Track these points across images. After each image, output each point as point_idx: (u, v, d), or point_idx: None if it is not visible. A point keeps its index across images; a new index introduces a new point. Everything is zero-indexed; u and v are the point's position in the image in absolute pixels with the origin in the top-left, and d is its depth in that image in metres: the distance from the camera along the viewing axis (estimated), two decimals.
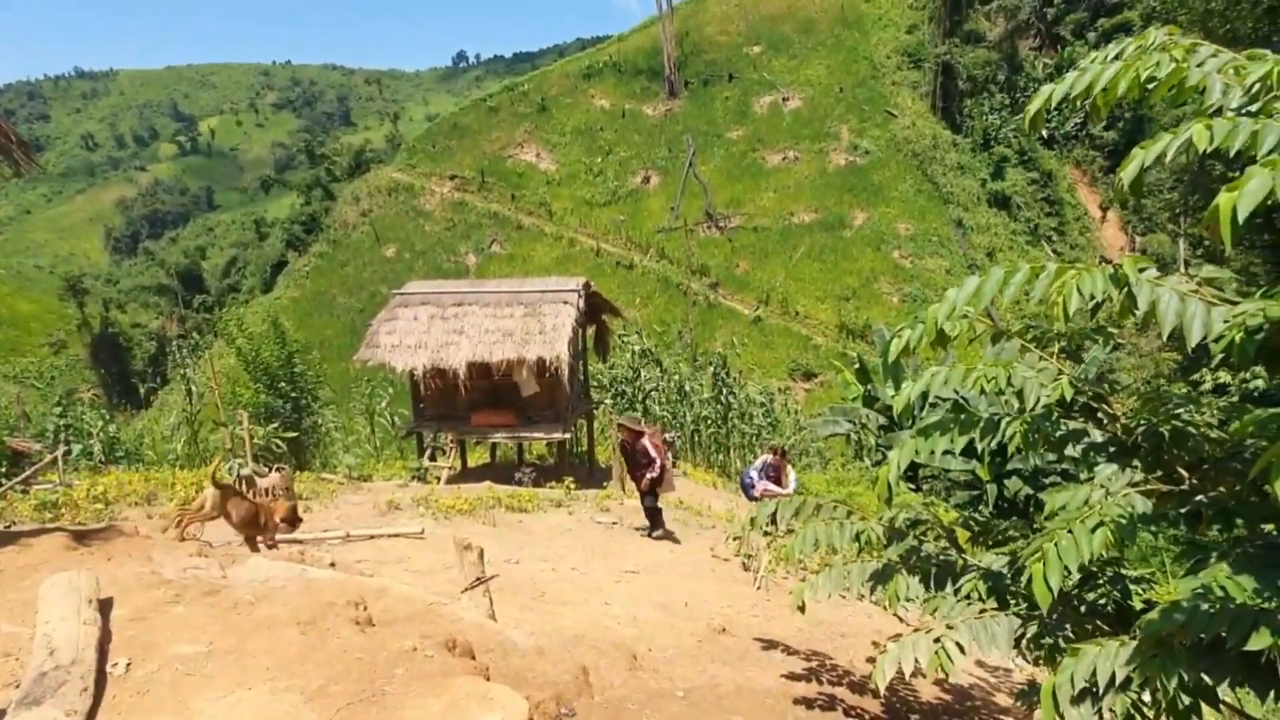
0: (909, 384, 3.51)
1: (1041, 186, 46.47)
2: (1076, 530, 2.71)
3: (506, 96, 56.32)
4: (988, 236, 43.08)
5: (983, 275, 2.94)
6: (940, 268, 40.79)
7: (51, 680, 2.03)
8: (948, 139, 47.83)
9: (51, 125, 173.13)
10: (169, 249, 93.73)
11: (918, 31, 53.35)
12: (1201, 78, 2.37)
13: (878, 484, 3.46)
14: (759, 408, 20.44)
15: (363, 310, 39.05)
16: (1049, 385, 3.14)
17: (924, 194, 44.60)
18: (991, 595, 3.49)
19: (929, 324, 3.07)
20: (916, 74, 51.47)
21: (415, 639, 2.48)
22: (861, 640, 5.53)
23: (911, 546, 3.89)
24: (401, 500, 8.50)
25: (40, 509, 6.32)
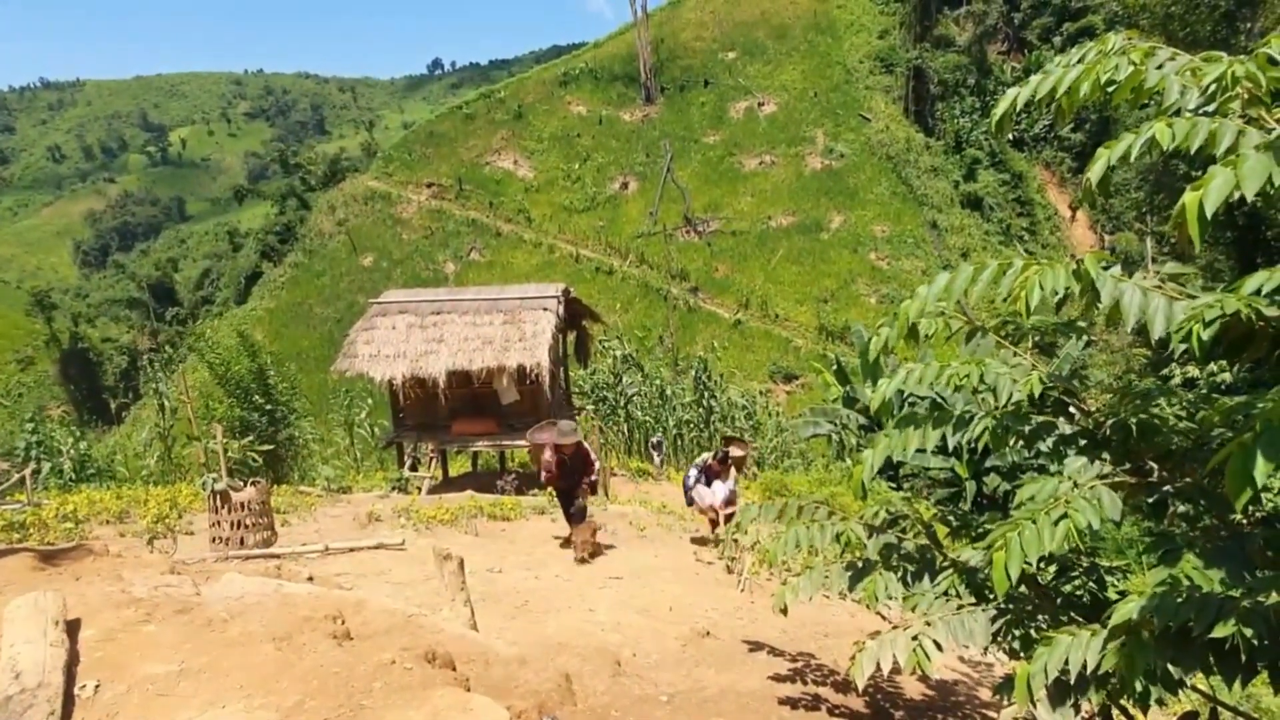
0: (885, 382, 3.55)
1: (1012, 187, 47.28)
2: (1040, 521, 2.76)
3: (483, 104, 56.18)
4: (962, 237, 43.71)
5: (952, 272, 2.99)
6: (916, 268, 41.28)
7: (16, 705, 1.97)
8: (920, 142, 48.49)
9: (16, 137, 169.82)
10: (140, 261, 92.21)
11: (889, 36, 54.09)
12: (1160, 79, 2.44)
13: (852, 482, 3.49)
14: (741, 411, 20.50)
15: (340, 320, 38.65)
16: (1021, 381, 3.19)
17: (899, 196, 45.14)
18: (969, 589, 3.53)
19: (901, 320, 3.12)
20: (889, 78, 52.15)
21: (394, 652, 2.45)
22: (845, 639, 5.56)
23: (890, 543, 3.92)
24: (382, 511, 8.40)
25: (8, 529, 6.15)
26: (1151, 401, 3.10)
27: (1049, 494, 3.07)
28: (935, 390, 5.10)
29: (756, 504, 4.21)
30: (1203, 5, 21.68)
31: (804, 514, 4.01)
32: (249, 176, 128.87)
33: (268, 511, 6.31)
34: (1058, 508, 2.80)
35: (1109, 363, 29.30)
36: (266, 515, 6.27)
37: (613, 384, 18.41)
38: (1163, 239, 31.29)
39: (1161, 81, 2.42)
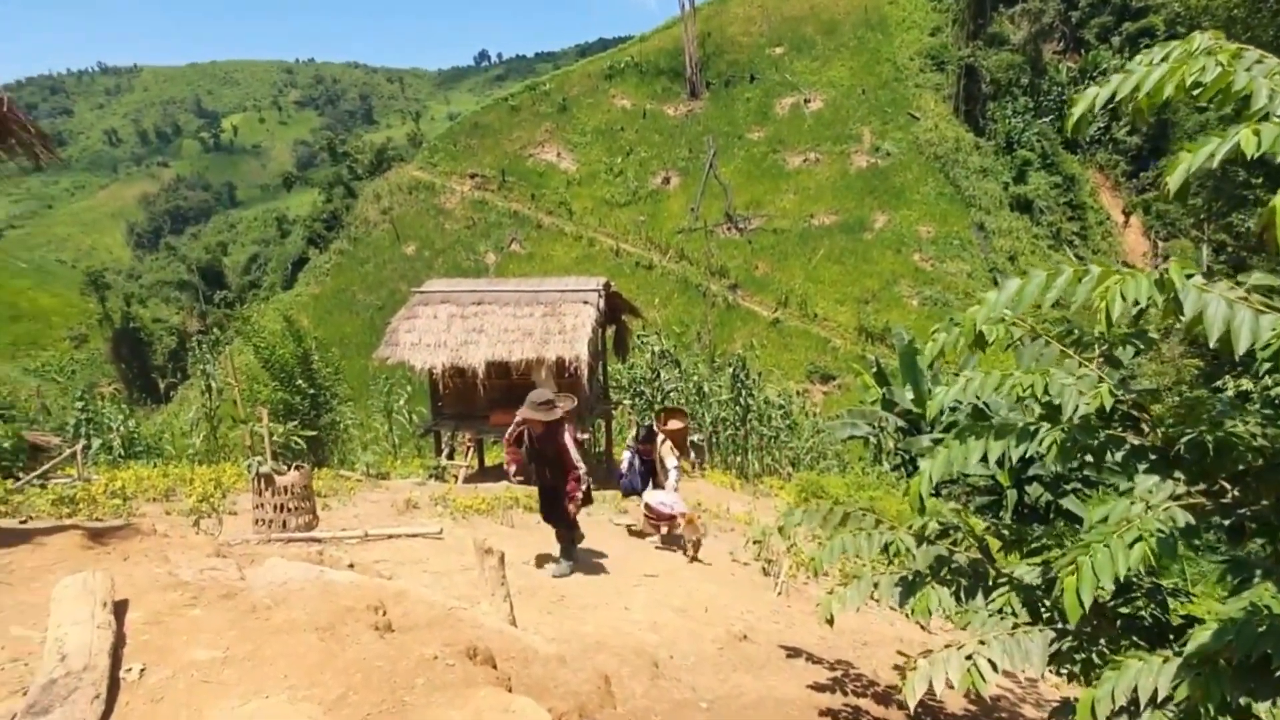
0: (942, 390, 3.42)
1: (1064, 190, 45.87)
2: (1113, 544, 2.62)
3: (528, 96, 56.47)
4: (1010, 240, 42.56)
5: (1023, 277, 2.85)
6: (961, 271, 40.35)
7: (61, 687, 1.97)
8: (970, 142, 47.33)
9: (74, 120, 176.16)
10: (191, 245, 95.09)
11: (941, 34, 52.85)
12: (1248, 82, 2.30)
13: (909, 494, 3.36)
14: (777, 410, 20.26)
15: (382, 308, 39.29)
16: (1089, 393, 3.03)
17: (945, 197, 44.15)
18: (1025, 608, 3.39)
19: (967, 326, 2.98)
20: (939, 76, 50.98)
21: (436, 646, 2.41)
22: (884, 648, 5.42)
23: (941, 556, 3.79)
24: (419, 499, 8.46)
25: (58, 504, 6.33)
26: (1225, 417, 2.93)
27: (1120, 515, 2.91)
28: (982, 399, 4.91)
29: (799, 508, 4.10)
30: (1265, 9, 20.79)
31: (850, 521, 3.90)
32: (298, 164, 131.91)
33: (310, 495, 6.39)
34: (1131, 530, 2.66)
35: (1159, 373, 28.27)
36: (308, 499, 6.35)
37: (650, 379, 18.33)
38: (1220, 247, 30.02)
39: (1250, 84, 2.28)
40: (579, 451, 5.70)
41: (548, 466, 5.81)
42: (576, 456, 5.64)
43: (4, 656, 2.36)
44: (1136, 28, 48.89)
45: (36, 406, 20.40)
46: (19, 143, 3.81)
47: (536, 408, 5.64)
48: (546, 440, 5.70)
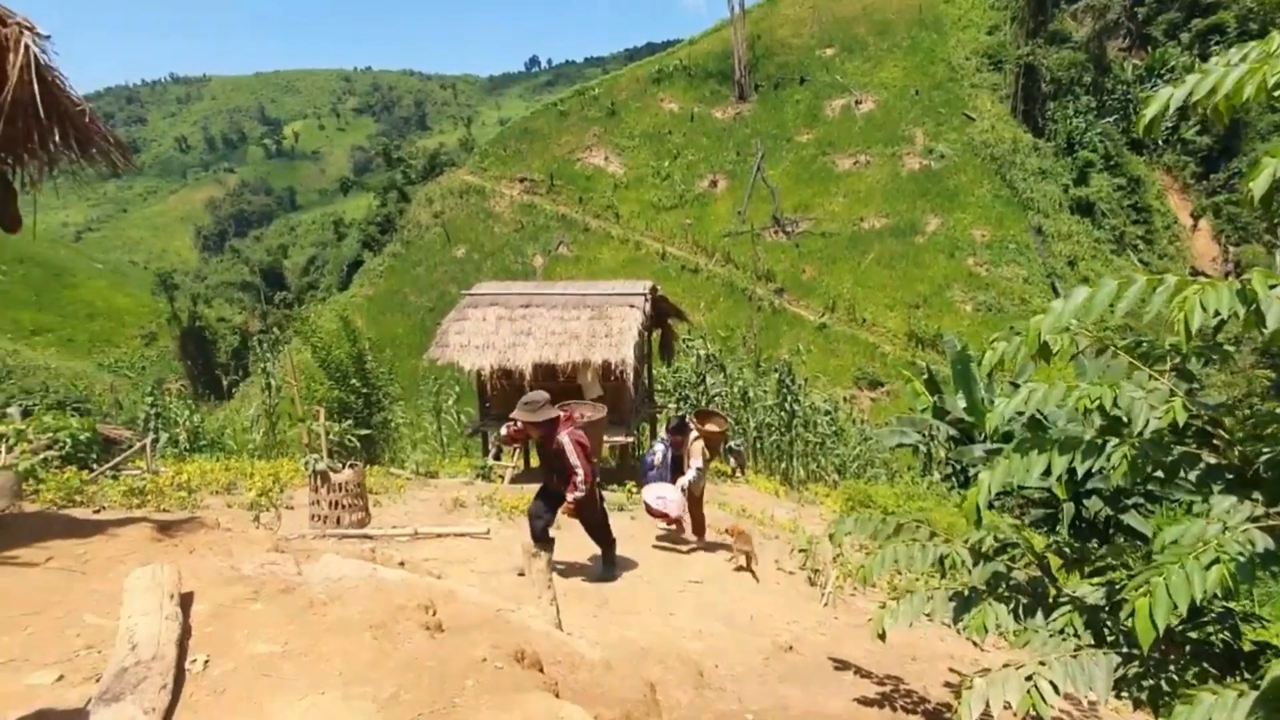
0: (1003, 400, 3.31)
1: (1129, 193, 44.05)
2: (1189, 565, 2.50)
3: (576, 101, 57.00)
4: (1069, 244, 41.06)
5: (1092, 286, 2.75)
6: (1018, 276, 39.11)
7: (132, 676, 2.06)
8: (1029, 143, 45.87)
9: (148, 128, 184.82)
10: (253, 247, 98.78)
11: (999, 33, 51.37)
12: None
13: (965, 506, 3.26)
14: (823, 416, 19.95)
15: (432, 309, 40.12)
16: (1161, 407, 2.90)
17: (1002, 199, 42.88)
18: (1088, 629, 3.26)
19: (1030, 336, 2.89)
20: (997, 76, 49.57)
21: (485, 648, 2.43)
22: (935, 665, 5.27)
23: (999, 572, 3.66)
24: (467, 498, 8.60)
25: (128, 495, 6.64)
26: None
27: (1195, 536, 2.77)
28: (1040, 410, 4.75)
29: (849, 517, 4.02)
30: None
31: (903, 532, 3.80)
32: (354, 169, 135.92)
33: (363, 493, 6.56)
34: (1208, 552, 2.53)
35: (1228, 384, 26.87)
36: (362, 497, 6.52)
37: (695, 383, 18.27)
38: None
39: None
40: (581, 455, 5.36)
41: (555, 471, 5.56)
42: (576, 460, 5.31)
43: (80, 643, 2.48)
44: (1206, 24, 46.77)
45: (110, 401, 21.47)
46: (99, 151, 4.02)
47: (524, 408, 5.49)
48: (546, 442, 5.49)
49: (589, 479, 5.34)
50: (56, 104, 3.65)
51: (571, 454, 5.30)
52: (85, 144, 3.96)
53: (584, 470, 5.30)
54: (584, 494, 5.32)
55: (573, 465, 5.30)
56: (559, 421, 5.47)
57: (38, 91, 3.43)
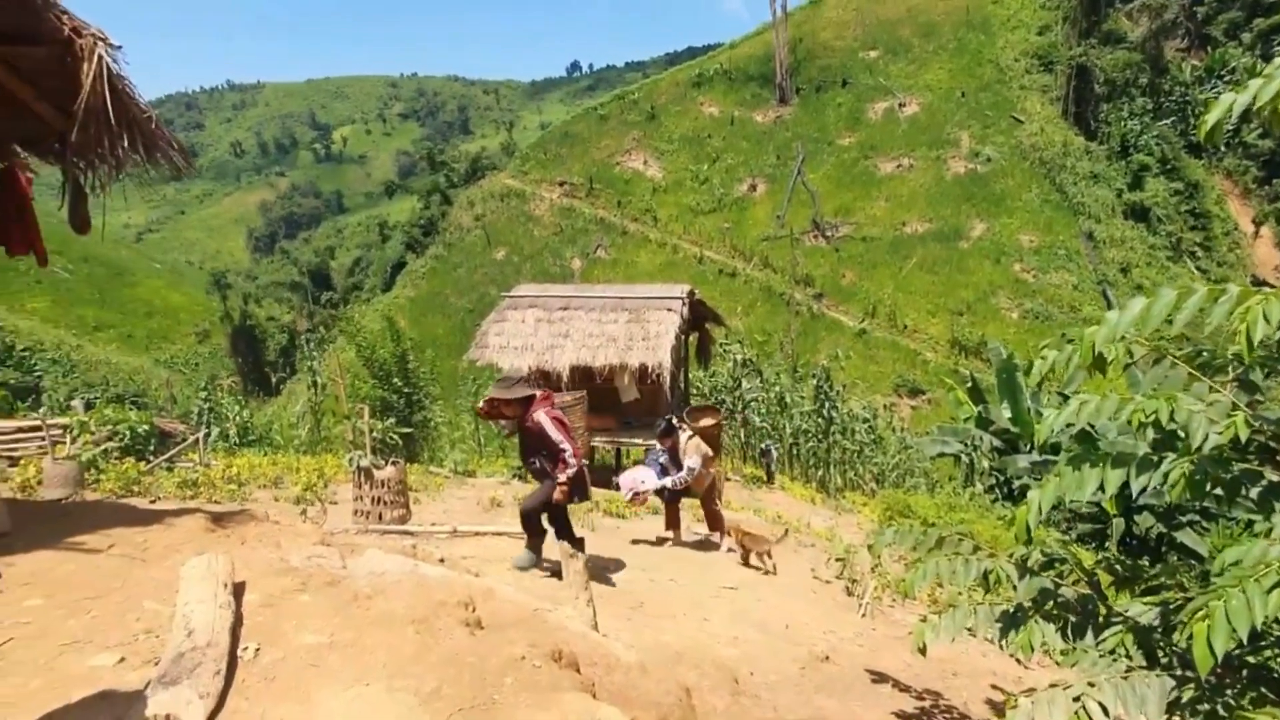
0: (1052, 412, 3.21)
1: (1186, 198, 42.37)
2: (1250, 589, 2.40)
3: (616, 105, 57.27)
4: (1122, 251, 39.68)
5: (1148, 294, 2.67)
6: (1067, 283, 37.97)
7: (188, 661, 2.14)
8: (1080, 146, 44.52)
9: (205, 133, 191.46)
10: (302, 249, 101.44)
11: (1050, 33, 50.01)
12: None
13: (1015, 524, 3.18)
14: (862, 423, 19.66)
15: (472, 311, 40.69)
16: (1221, 422, 2.79)
17: (1051, 204, 41.71)
18: (1140, 650, 3.14)
19: (1085, 346, 2.81)
20: (1047, 77, 48.26)
21: (523, 647, 2.46)
22: (976, 681, 5.15)
23: (1046, 589, 3.56)
24: (503, 498, 8.70)
25: (182, 486, 6.90)
26: None
27: (1256, 558, 2.67)
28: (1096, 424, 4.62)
29: (888, 527, 3.95)
30: None
31: (945, 545, 3.72)
32: (399, 173, 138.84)
33: (404, 490, 6.69)
34: (1270, 574, 2.43)
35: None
36: (403, 494, 6.65)
37: (732, 388, 18.18)
38: None
39: None
40: (563, 432, 5.09)
41: (538, 456, 5.27)
42: (559, 436, 5.04)
43: (139, 628, 2.59)
44: (1269, 24, 44.84)
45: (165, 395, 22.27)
46: (163, 155, 4.20)
47: (498, 384, 5.30)
48: (523, 421, 5.22)
49: (579, 454, 5.12)
50: (125, 111, 3.82)
51: (553, 431, 5.05)
52: (150, 148, 4.14)
53: (571, 446, 5.05)
54: (576, 470, 5.05)
55: (557, 442, 5.04)
56: (535, 400, 5.21)
57: (109, 99, 3.60)
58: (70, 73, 3.65)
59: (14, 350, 27.19)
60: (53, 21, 3.54)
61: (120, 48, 3.70)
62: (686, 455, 6.82)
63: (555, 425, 5.07)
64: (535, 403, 5.18)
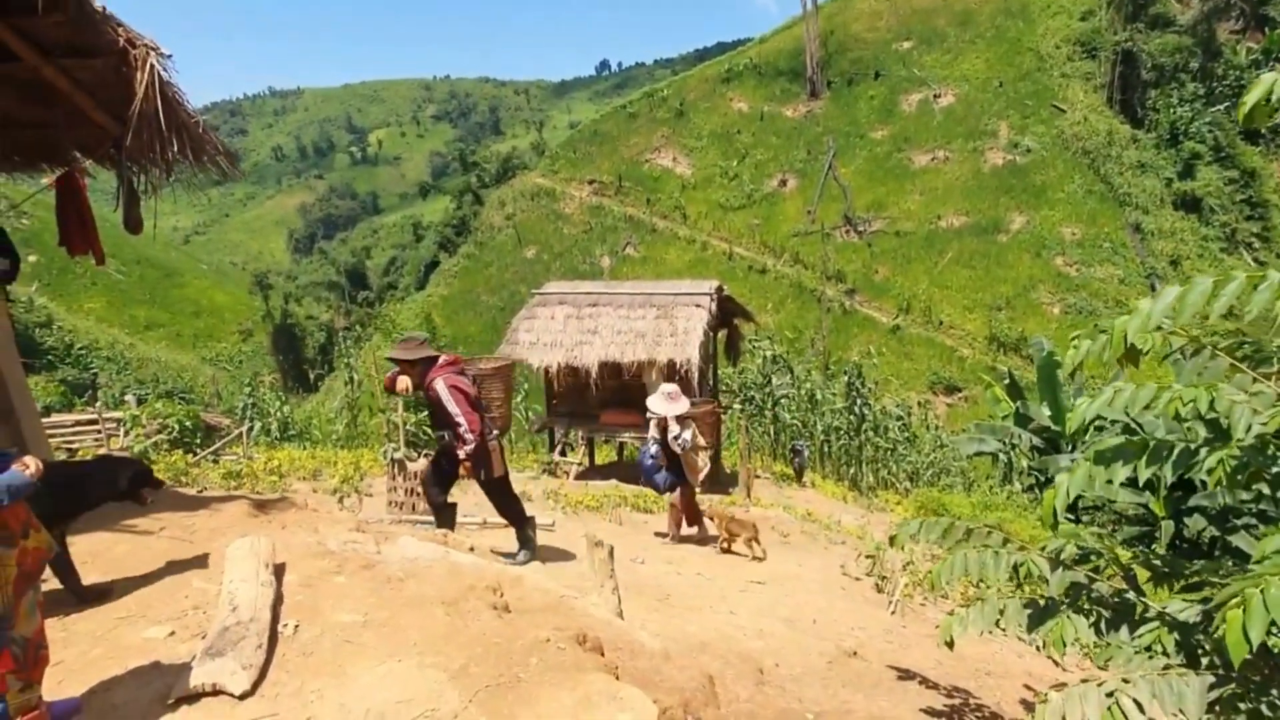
0: (1084, 402, 3.15)
1: (1241, 187, 40.78)
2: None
3: (645, 103, 57.30)
4: (1172, 243, 38.39)
5: (1184, 284, 2.61)
6: (1112, 276, 36.92)
7: (233, 635, 2.26)
8: (1126, 134, 43.19)
9: (249, 138, 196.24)
10: (339, 249, 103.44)
11: (1094, 18, 48.59)
12: None
13: (1042, 509, 3.14)
14: (895, 421, 19.43)
15: (504, 308, 41.10)
16: (1265, 412, 2.71)
17: (1095, 195, 40.57)
18: (1179, 649, 3.08)
19: (1116, 336, 2.76)
20: (1090, 64, 46.90)
21: (548, 630, 2.53)
22: (1010, 681, 5.07)
23: (1079, 583, 3.49)
24: (533, 492, 8.80)
25: (227, 477, 7.15)
26: None
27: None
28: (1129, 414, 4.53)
29: (918, 519, 3.92)
30: None
31: (973, 538, 3.68)
32: (432, 173, 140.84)
33: None
34: None
35: None
36: None
37: (761, 384, 18.11)
38: None
39: None
40: (465, 404, 4.58)
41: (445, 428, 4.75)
42: (454, 408, 4.54)
43: (188, 604, 2.74)
44: None
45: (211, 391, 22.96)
46: (210, 160, 4.38)
47: (399, 345, 4.86)
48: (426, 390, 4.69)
49: (476, 429, 4.58)
50: (175, 117, 3.99)
51: (448, 401, 4.55)
52: (199, 152, 4.32)
53: (467, 419, 4.55)
54: (474, 446, 4.57)
55: (452, 415, 4.54)
56: (436, 364, 4.74)
57: (160, 106, 3.77)
58: (125, 82, 3.83)
59: (72, 348, 28.31)
60: (110, 34, 3.71)
61: (170, 56, 3.87)
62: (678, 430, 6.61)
63: (452, 394, 4.57)
64: (436, 368, 4.71)
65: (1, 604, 1.76)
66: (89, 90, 4.24)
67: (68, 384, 20.77)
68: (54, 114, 4.45)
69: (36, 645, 1.85)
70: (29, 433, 3.57)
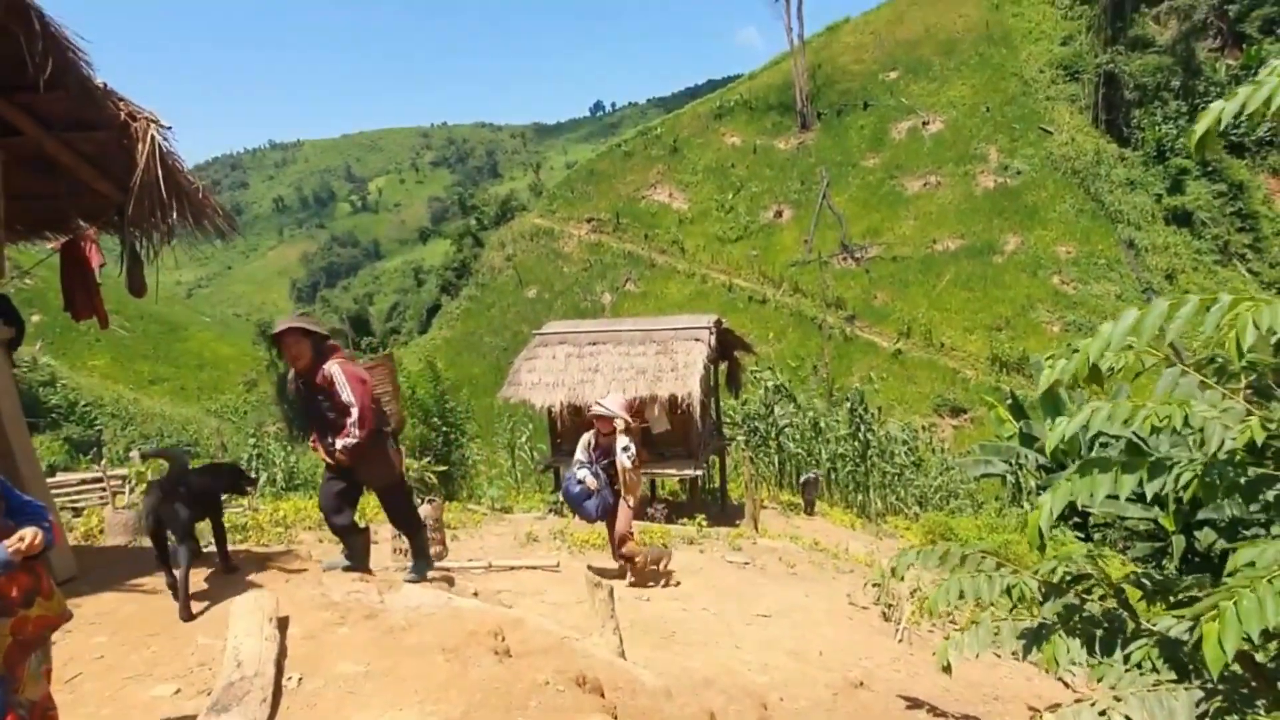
0: (1064, 420, 3.24)
1: (1230, 199, 41.18)
2: (1261, 590, 2.42)
3: (640, 141, 58.36)
4: (1166, 257, 38.66)
5: (1142, 308, 2.73)
6: (1109, 293, 37.08)
7: (238, 690, 2.33)
8: (1113, 153, 43.81)
9: (249, 191, 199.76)
10: (341, 296, 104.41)
11: (1074, 42, 49.67)
12: None
13: (1028, 530, 3.21)
14: (901, 445, 19.39)
15: (506, 349, 41.35)
16: (1235, 426, 2.81)
17: (1087, 213, 40.98)
18: (1168, 664, 3.12)
19: (1080, 360, 2.86)
20: (1074, 87, 47.80)
21: (549, 672, 2.58)
22: (1018, 706, 5.06)
23: (1071, 604, 3.54)
24: (539, 533, 8.83)
25: (232, 530, 7.19)
26: None
27: (1272, 559, 2.67)
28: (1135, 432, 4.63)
29: (913, 548, 3.98)
30: None
31: (968, 563, 3.73)
32: (432, 218, 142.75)
33: (441, 527, 6.86)
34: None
35: None
36: (440, 531, 6.82)
37: (764, 414, 18.14)
38: None
39: None
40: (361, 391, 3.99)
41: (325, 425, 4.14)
42: (351, 397, 3.94)
43: (194, 661, 2.80)
44: None
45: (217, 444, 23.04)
46: (209, 222, 4.57)
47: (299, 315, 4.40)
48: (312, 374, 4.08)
49: (369, 423, 4.00)
50: (176, 184, 4.18)
51: (344, 386, 3.96)
52: (198, 216, 4.51)
53: (361, 408, 3.94)
54: (359, 440, 3.95)
55: (346, 402, 3.94)
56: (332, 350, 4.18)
57: (161, 175, 3.96)
58: (127, 152, 4.02)
59: (76, 406, 28.53)
60: (111, 108, 3.92)
61: (170, 128, 4.07)
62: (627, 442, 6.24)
63: (352, 382, 3.99)
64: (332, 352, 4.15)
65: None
66: (91, 162, 4.45)
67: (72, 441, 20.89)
68: (57, 185, 4.65)
69: (44, 709, 1.91)
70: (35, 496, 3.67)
